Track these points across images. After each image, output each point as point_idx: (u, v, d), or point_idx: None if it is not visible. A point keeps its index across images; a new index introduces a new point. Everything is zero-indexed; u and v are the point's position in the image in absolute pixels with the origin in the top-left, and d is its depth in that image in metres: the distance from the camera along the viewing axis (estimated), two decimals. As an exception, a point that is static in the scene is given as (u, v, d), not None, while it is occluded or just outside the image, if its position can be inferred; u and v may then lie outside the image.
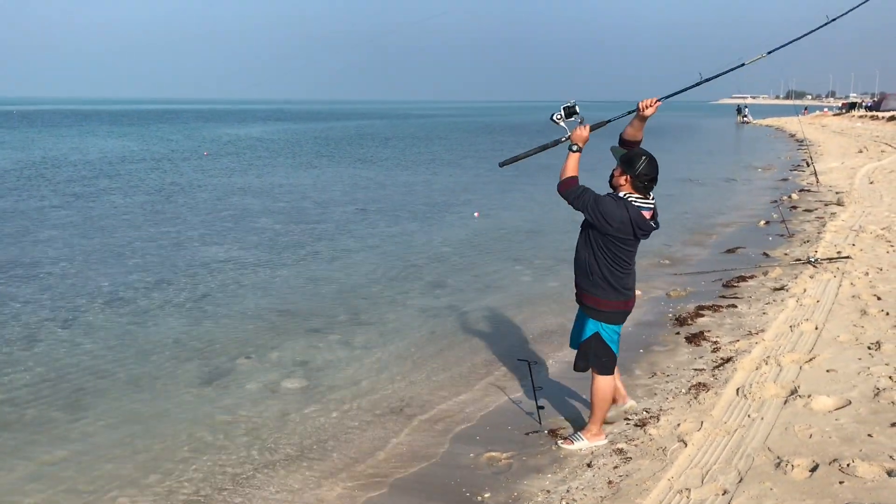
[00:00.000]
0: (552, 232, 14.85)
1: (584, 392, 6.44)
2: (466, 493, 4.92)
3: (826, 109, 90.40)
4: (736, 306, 8.65)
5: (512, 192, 21.14)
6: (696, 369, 6.69)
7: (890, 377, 5.89)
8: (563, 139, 5.21)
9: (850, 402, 5.47)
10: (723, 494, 4.36)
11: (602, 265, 4.98)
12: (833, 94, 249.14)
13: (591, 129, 5.14)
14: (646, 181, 4.87)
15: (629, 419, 5.71)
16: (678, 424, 5.43)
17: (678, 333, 7.89)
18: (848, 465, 4.49)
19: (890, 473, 4.36)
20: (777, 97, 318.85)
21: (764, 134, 54.28)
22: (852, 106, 77.42)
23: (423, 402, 6.52)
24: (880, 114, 56.59)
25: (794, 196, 18.33)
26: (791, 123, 58.55)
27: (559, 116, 5.17)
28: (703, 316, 8.41)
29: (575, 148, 5.04)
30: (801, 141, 38.20)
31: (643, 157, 4.85)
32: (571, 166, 5.01)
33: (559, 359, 7.48)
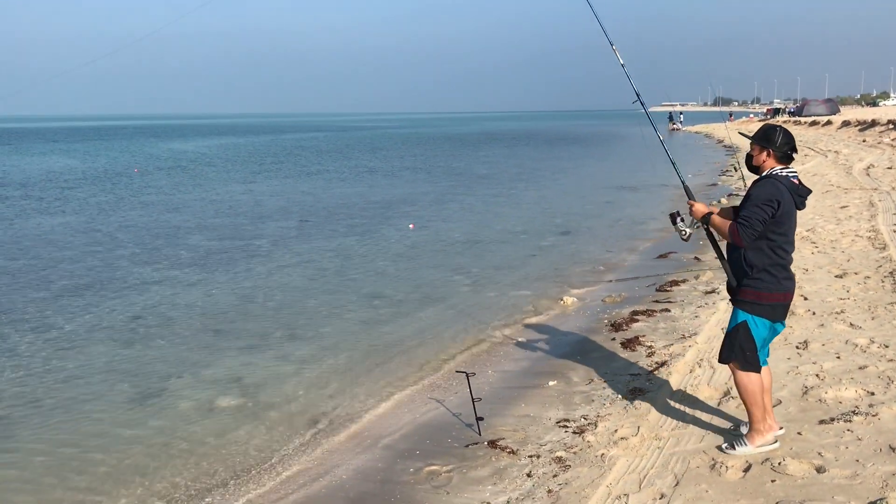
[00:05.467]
0: (490, 241, 14.94)
1: (522, 401, 6.48)
2: (407, 508, 4.88)
3: (752, 115, 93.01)
4: (669, 310, 8.81)
5: (449, 204, 21.21)
6: (631, 374, 6.77)
7: (817, 375, 6.07)
8: (685, 234, 5.36)
9: (781, 402, 5.61)
10: (660, 498, 4.41)
11: (765, 255, 4.75)
12: (758, 101, 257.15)
13: (694, 202, 5.32)
14: (786, 150, 4.80)
15: (567, 426, 5.74)
16: (615, 430, 5.49)
17: (614, 339, 7.98)
18: (779, 463, 4.59)
19: (819, 470, 4.48)
20: (705, 104, 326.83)
21: (694, 141, 55.59)
22: (777, 111, 79.52)
23: (363, 418, 6.46)
24: (802, 119, 58.40)
25: (724, 200, 18.80)
26: (719, 130, 60.11)
27: (682, 229, 5.38)
28: (637, 321, 8.54)
29: (698, 225, 5.21)
30: (730, 147, 39.21)
31: (778, 129, 4.83)
32: (720, 223, 4.89)
33: (498, 369, 7.50)
